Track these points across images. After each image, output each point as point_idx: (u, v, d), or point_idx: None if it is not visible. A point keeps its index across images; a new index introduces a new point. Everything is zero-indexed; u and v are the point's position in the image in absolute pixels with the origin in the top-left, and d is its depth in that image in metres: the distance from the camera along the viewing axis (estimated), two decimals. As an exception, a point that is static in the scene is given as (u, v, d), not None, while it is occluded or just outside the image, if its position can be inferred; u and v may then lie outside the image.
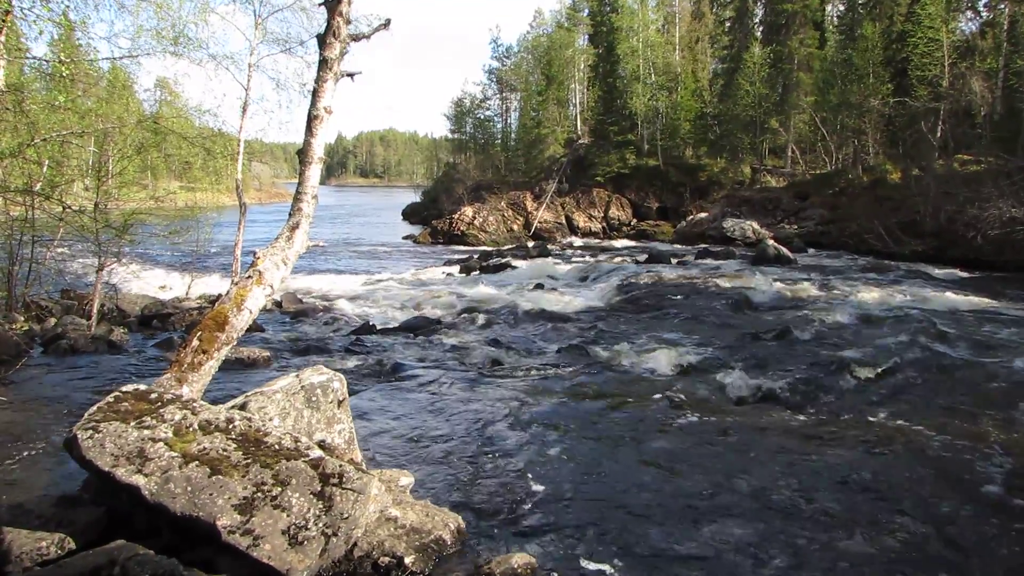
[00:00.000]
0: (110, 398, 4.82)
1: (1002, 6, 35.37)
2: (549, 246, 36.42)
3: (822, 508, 5.90)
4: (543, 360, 11.60)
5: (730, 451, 7.28)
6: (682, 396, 9.36)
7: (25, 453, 6.62)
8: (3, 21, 11.46)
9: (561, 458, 7.01)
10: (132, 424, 4.51)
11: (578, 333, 14.14)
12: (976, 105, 33.02)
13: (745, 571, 4.92)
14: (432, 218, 48.06)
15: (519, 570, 4.56)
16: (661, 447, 7.37)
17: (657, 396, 9.33)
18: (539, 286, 20.98)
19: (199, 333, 5.92)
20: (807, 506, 5.93)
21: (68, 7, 13.65)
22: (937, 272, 23.70)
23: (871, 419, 8.50)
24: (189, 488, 4.12)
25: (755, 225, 35.17)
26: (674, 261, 27.78)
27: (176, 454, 4.33)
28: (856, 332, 13.53)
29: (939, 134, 32.85)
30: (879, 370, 10.64)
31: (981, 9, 38.81)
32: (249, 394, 5.51)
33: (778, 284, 20.04)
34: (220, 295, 6.99)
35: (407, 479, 5.57)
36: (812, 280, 21.07)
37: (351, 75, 6.99)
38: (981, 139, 31.79)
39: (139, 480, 4.14)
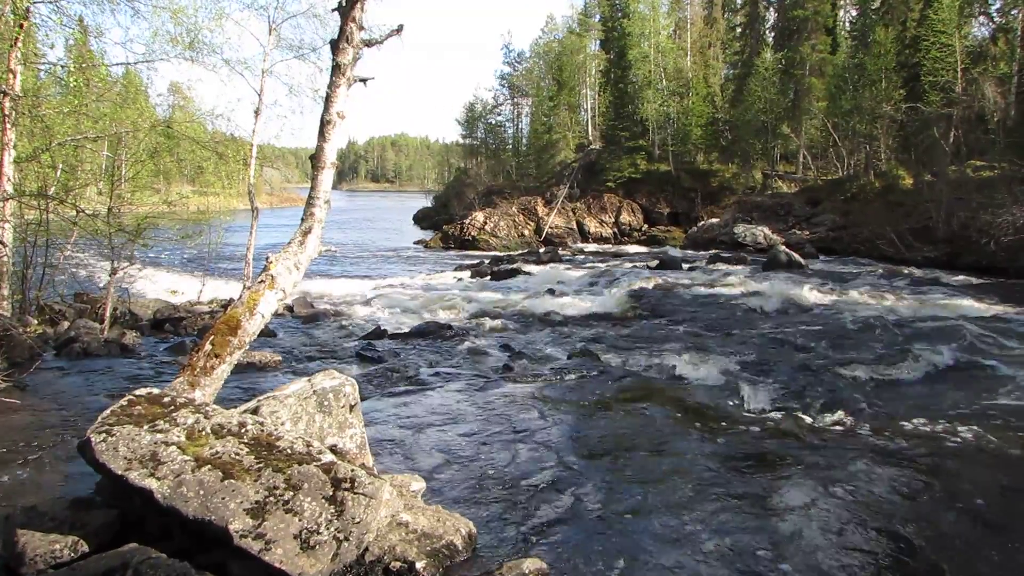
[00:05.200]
0: (123, 401, 4.83)
1: (1015, 11, 35.21)
2: (560, 251, 36.45)
3: (839, 516, 5.86)
4: (554, 366, 11.58)
5: (746, 459, 7.24)
6: (695, 403, 9.33)
7: (38, 456, 6.65)
8: (20, 29, 11.57)
9: (573, 464, 6.99)
10: (145, 428, 4.52)
11: (589, 339, 14.12)
12: (989, 110, 32.86)
13: (757, 578, 4.90)
14: (443, 223, 48.21)
15: (531, 576, 4.55)
16: (675, 454, 7.34)
17: (669, 403, 9.30)
18: (550, 291, 20.97)
19: (211, 337, 5.94)
20: (825, 515, 5.90)
21: (83, 14, 13.78)
22: (950, 278, 23.57)
23: (887, 427, 8.44)
24: (201, 492, 4.13)
25: (767, 231, 35.11)
26: (685, 267, 27.75)
27: (189, 458, 4.33)
28: (870, 339, 13.47)
29: (952, 140, 32.71)
30: (894, 378, 10.59)
31: (994, 14, 38.65)
32: (261, 398, 5.52)
33: (790, 290, 19.98)
34: (232, 299, 7.02)
35: (418, 484, 5.57)
36: (824, 286, 20.99)
37: (364, 80, 7.01)
38: (994, 145, 31.63)
39: (152, 483, 4.15)
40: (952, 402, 9.47)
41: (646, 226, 44.54)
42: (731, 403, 9.44)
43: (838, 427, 8.49)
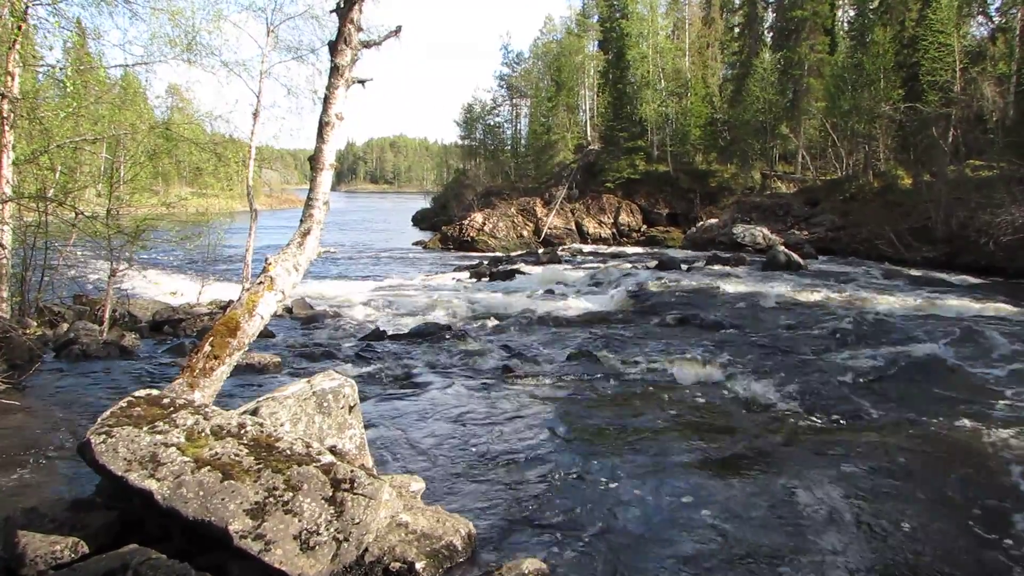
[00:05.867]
0: (123, 403, 4.84)
1: (1014, 11, 35.21)
2: (559, 252, 36.43)
3: (839, 514, 5.87)
4: (553, 367, 11.59)
5: (745, 459, 7.25)
6: (695, 403, 9.34)
7: (38, 457, 6.66)
8: (18, 31, 11.56)
9: (572, 465, 7.00)
10: (145, 429, 4.53)
11: (588, 340, 14.12)
12: (988, 110, 32.85)
13: (757, 578, 4.91)
14: (442, 224, 48.21)
15: (530, 576, 4.55)
16: (674, 454, 7.35)
17: (668, 403, 9.31)
18: (549, 292, 20.97)
19: (211, 339, 5.94)
20: (823, 514, 5.91)
21: (81, 16, 13.79)
22: (949, 278, 23.58)
23: (887, 427, 8.45)
24: (201, 493, 4.13)
25: (765, 231, 35.09)
26: (684, 267, 27.75)
27: (188, 459, 4.34)
28: (869, 339, 13.47)
29: (950, 139, 32.69)
30: (892, 377, 10.60)
31: (993, 14, 38.65)
32: (261, 399, 5.53)
33: (789, 290, 19.99)
34: (231, 301, 7.01)
35: (418, 485, 5.57)
36: (823, 286, 21.01)
37: (362, 82, 7.01)
38: (993, 144, 31.63)
39: (152, 485, 4.16)
40: (950, 401, 9.47)
41: (645, 227, 44.53)
42: (730, 403, 9.46)
43: (837, 427, 8.50)
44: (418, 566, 4.46)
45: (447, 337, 14.00)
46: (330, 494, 4.31)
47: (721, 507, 5.98)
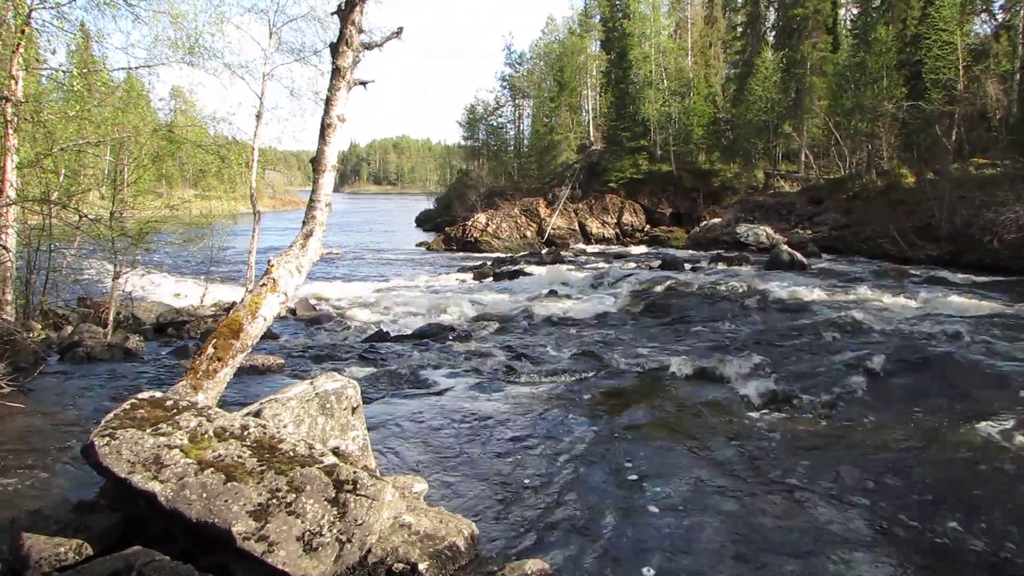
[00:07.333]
0: (126, 405, 4.85)
1: (1018, 7, 35.11)
2: (562, 252, 36.44)
3: (842, 514, 5.86)
4: (557, 367, 11.58)
5: (748, 459, 7.24)
6: (698, 403, 9.33)
7: (43, 460, 6.67)
8: (21, 35, 11.60)
9: (575, 465, 7.00)
10: (148, 431, 4.54)
11: (592, 340, 14.12)
12: (991, 108, 32.79)
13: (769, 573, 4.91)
14: (445, 225, 48.26)
15: (533, 576, 4.55)
16: (678, 454, 7.35)
17: (672, 403, 9.31)
18: (553, 292, 20.97)
19: (214, 340, 5.95)
20: (827, 513, 5.90)
21: (84, 19, 13.82)
22: (953, 277, 23.52)
23: (890, 424, 8.44)
24: (204, 494, 4.14)
25: (769, 230, 35.05)
26: (688, 267, 27.73)
27: (191, 461, 4.35)
28: (872, 337, 13.44)
29: (954, 138, 32.64)
30: (897, 375, 10.56)
31: (996, 12, 38.57)
32: (264, 401, 5.54)
33: (793, 289, 19.97)
34: (234, 303, 7.03)
35: (421, 485, 5.58)
36: (827, 285, 20.98)
37: (364, 83, 7.02)
38: (997, 142, 31.57)
39: (155, 486, 4.16)
40: (953, 400, 9.44)
41: (648, 226, 44.52)
42: (733, 403, 9.44)
43: (840, 426, 8.49)
44: (421, 567, 4.47)
45: (450, 338, 14.01)
46: (333, 495, 4.32)
47: (725, 507, 5.98)
